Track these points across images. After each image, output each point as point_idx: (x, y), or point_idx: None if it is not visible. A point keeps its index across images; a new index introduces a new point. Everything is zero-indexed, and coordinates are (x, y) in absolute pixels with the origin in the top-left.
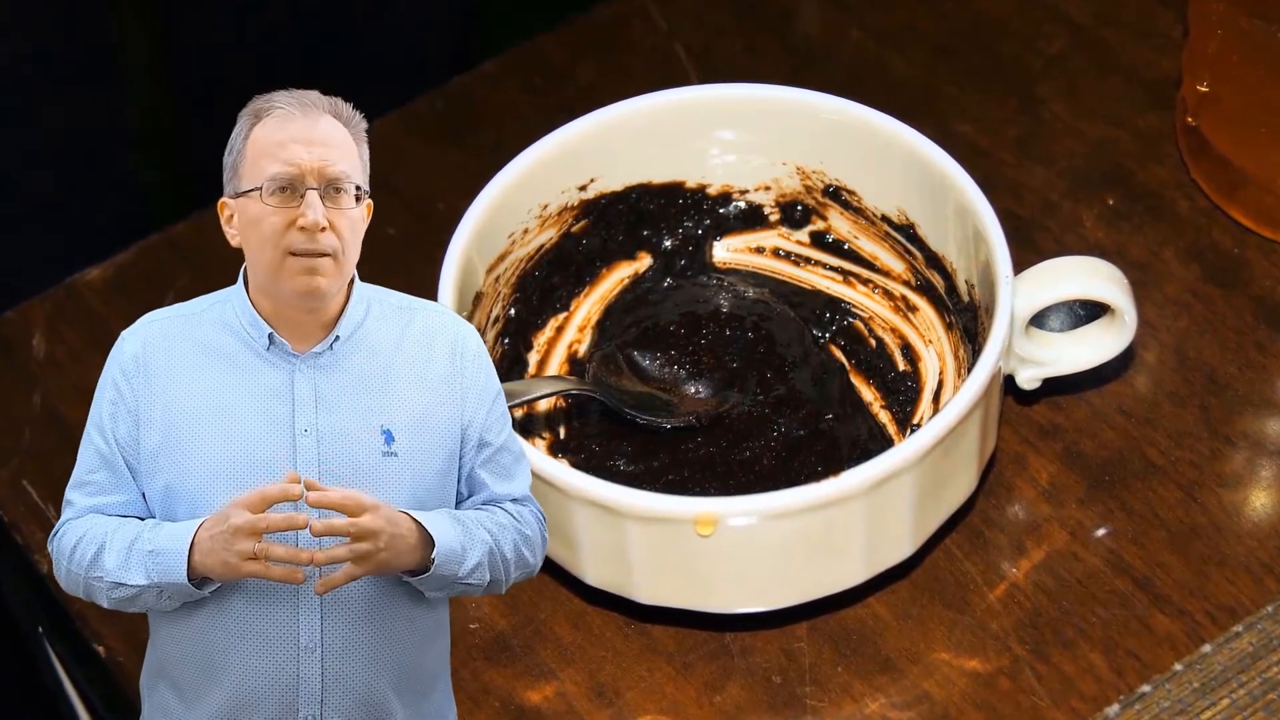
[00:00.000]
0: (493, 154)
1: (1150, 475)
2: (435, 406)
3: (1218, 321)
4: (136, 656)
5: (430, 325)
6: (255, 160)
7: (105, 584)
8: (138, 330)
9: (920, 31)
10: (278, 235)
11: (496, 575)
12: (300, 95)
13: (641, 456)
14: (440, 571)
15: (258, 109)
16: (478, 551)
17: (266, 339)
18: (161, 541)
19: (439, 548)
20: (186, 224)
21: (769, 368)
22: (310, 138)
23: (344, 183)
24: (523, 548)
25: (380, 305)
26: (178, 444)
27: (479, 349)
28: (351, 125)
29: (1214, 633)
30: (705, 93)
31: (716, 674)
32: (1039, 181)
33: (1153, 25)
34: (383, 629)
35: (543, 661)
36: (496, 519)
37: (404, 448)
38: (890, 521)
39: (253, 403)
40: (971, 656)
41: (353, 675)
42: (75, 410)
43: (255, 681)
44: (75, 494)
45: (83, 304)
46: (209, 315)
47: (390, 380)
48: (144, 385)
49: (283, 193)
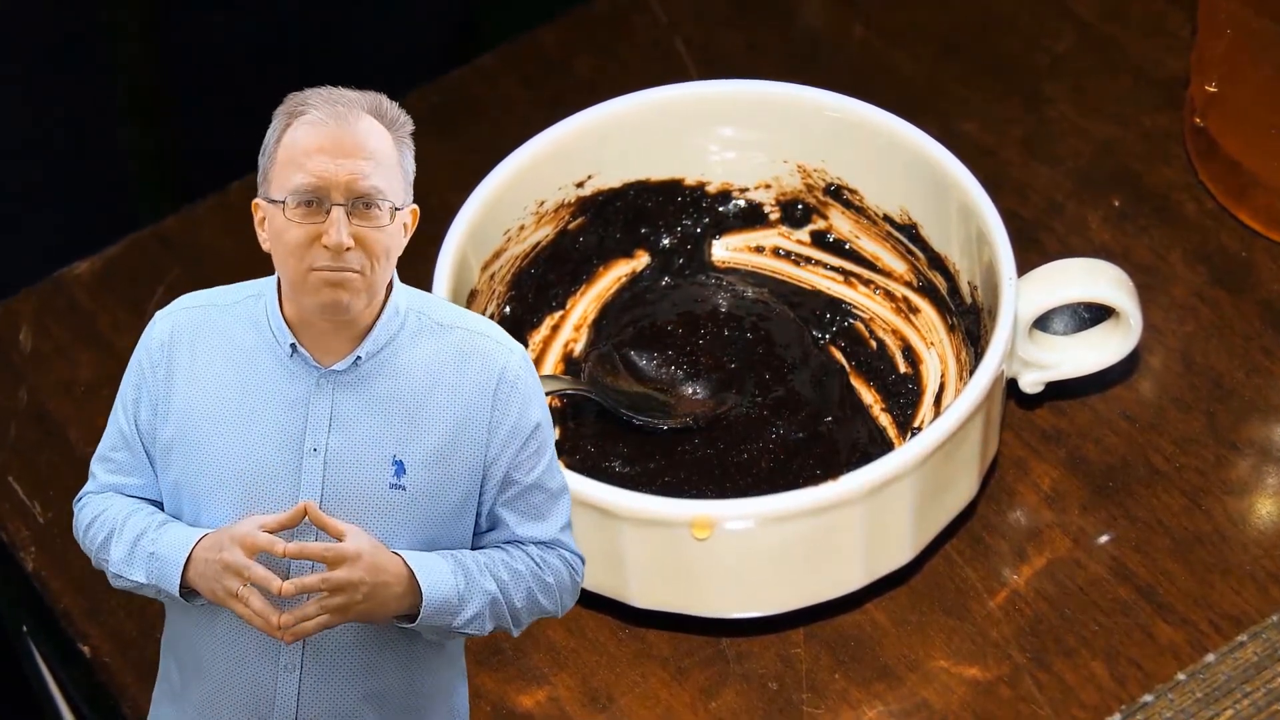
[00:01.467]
0: (489, 149)
1: (1154, 482)
2: (457, 441)
3: (1225, 326)
4: (122, 656)
5: (468, 349)
6: (283, 168)
7: (109, 571)
8: (171, 313)
9: (925, 28)
10: (301, 250)
11: (502, 624)
12: (337, 96)
13: (637, 458)
14: (429, 623)
15: (291, 109)
16: (477, 602)
17: (289, 348)
18: (163, 547)
19: (428, 600)
20: (176, 218)
21: (768, 369)
22: (340, 147)
23: (375, 198)
24: (540, 596)
25: (419, 319)
26: (190, 442)
27: (518, 378)
28: (395, 127)
29: (1218, 642)
30: (705, 88)
31: (712, 680)
32: (1044, 182)
33: (1161, 24)
34: (370, 658)
35: (535, 665)
36: (514, 565)
37: (414, 481)
38: (890, 526)
39: (268, 412)
40: (971, 664)
41: (330, 700)
42: (61, 406)
43: (232, 689)
44: (98, 467)
45: (70, 298)
46: (241, 309)
47: (414, 408)
48: (165, 376)
49: (307, 207)
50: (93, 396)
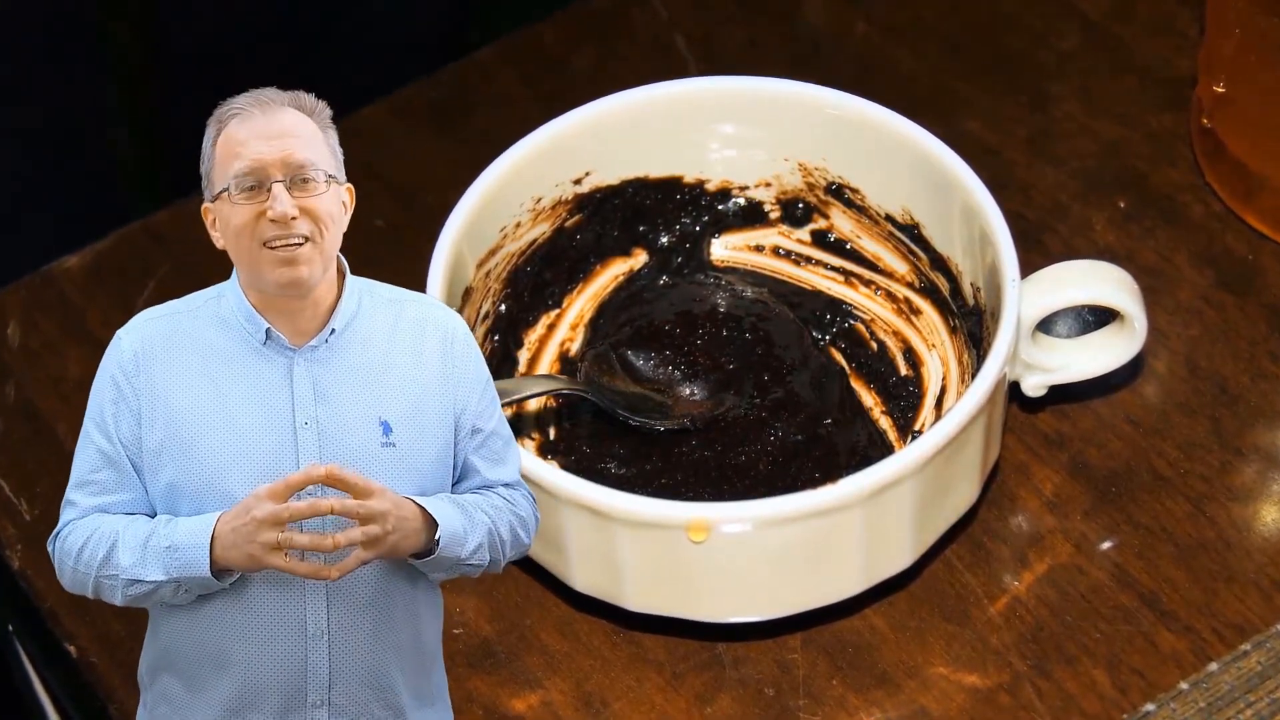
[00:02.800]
0: (485, 144)
1: (1158, 488)
2: (429, 396)
3: (1230, 330)
4: (108, 657)
5: (420, 316)
6: (222, 162)
7: (121, 581)
8: (135, 328)
9: (929, 25)
10: (250, 228)
11: (495, 555)
12: (259, 94)
13: (634, 459)
14: (444, 554)
15: (221, 115)
16: (479, 533)
17: (263, 334)
18: (179, 537)
19: (442, 530)
20: (167, 212)
21: (767, 370)
22: (270, 132)
23: (309, 170)
24: (518, 528)
25: (371, 298)
26: (180, 441)
27: (467, 337)
28: (315, 115)
29: (1221, 651)
30: (705, 85)
31: (707, 685)
32: (1048, 182)
33: (1169, 23)
34: (386, 612)
35: (528, 669)
36: (492, 502)
37: (401, 438)
38: (889, 531)
39: (253, 397)
40: (971, 671)
41: (359, 659)
42: (49, 401)
43: (263, 670)
44: (77, 494)
45: (59, 293)
46: (204, 312)
47: (385, 372)
48: (145, 383)
49: (250, 190)
50: (81, 393)
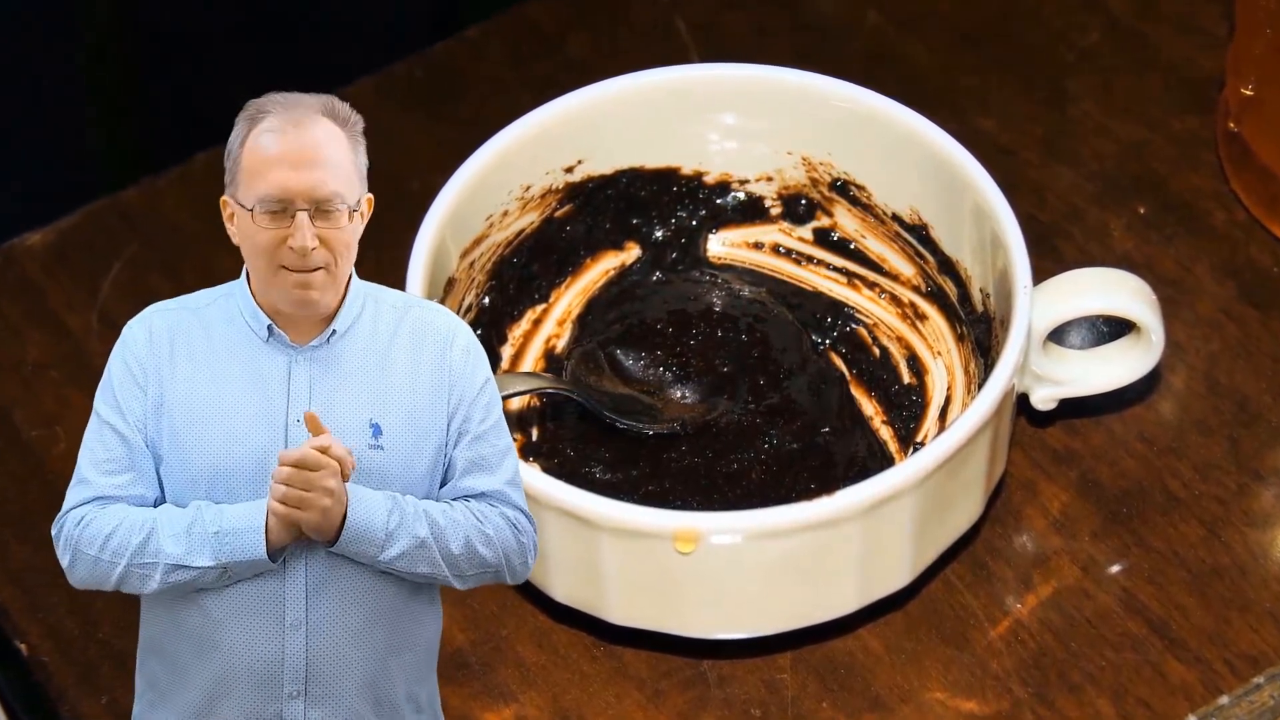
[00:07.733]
0: (473, 128)
1: (1171, 509)
2: (424, 403)
3: (1252, 345)
4: (60, 655)
5: (423, 322)
6: (249, 175)
7: (161, 568)
8: (145, 318)
9: (943, 16)
10: (270, 251)
11: (438, 571)
12: (293, 101)
13: (620, 464)
14: (350, 547)
15: (252, 115)
16: (405, 540)
17: (266, 330)
18: (228, 522)
19: (350, 523)
20: (137, 189)
21: (763, 374)
22: (300, 158)
23: (334, 204)
24: (480, 546)
25: (376, 303)
26: (180, 433)
27: (469, 345)
28: (348, 126)
29: (1233, 683)
30: (706, 72)
31: (691, 704)
32: (1064, 185)
33: (1196, 21)
34: (373, 612)
35: (502, 682)
36: (452, 514)
37: (391, 443)
38: (887, 547)
39: (250, 393)
40: (969, 697)
41: (339, 654)
42: (7, 386)
43: (242, 658)
44: (92, 472)
45: (21, 272)
46: (214, 309)
47: (383, 376)
48: (154, 372)
49: (273, 215)
50: (41, 377)
